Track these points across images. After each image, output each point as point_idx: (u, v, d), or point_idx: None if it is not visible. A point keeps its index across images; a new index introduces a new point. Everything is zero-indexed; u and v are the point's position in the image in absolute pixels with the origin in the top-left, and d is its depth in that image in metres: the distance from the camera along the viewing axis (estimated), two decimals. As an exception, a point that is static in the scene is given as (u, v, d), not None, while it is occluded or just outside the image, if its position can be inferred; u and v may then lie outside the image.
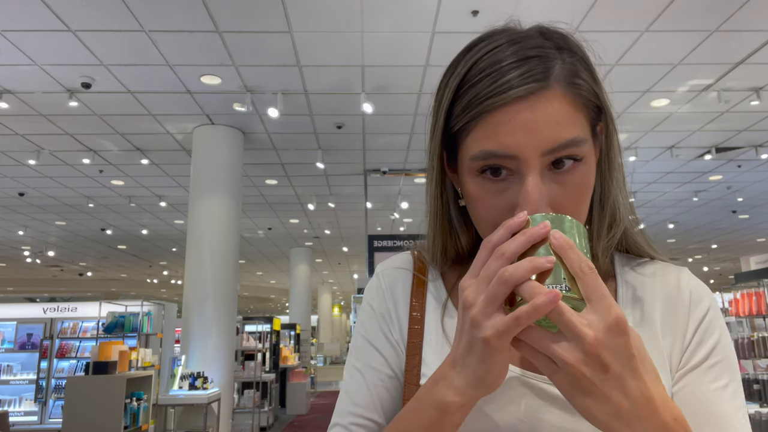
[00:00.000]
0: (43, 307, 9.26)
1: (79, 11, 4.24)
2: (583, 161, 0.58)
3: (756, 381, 6.24)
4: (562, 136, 0.55)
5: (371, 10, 4.31)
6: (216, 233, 6.38)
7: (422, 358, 0.67)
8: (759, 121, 6.59)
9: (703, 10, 4.31)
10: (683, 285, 0.67)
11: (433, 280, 0.72)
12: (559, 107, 0.56)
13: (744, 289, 6.71)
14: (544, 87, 0.56)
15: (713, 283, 22.30)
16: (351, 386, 0.70)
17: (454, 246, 0.70)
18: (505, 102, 0.55)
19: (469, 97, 0.57)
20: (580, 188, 0.58)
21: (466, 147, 0.59)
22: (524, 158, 0.55)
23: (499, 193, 0.58)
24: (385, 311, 0.70)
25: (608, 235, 0.66)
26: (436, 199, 0.68)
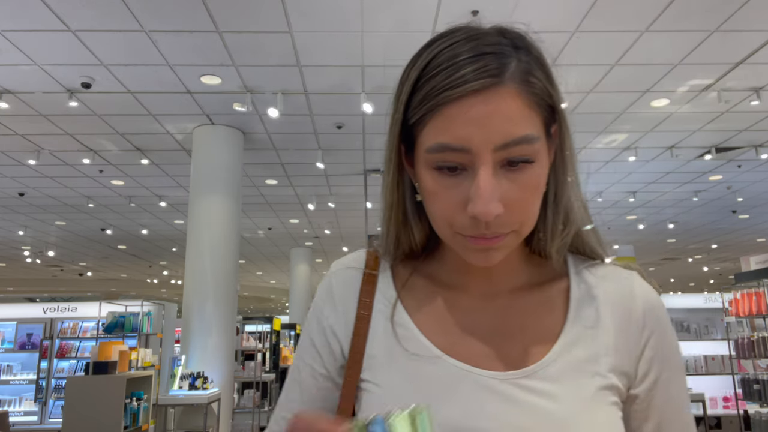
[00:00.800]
0: (43, 307, 9.26)
1: (79, 11, 4.24)
2: (536, 161, 0.58)
3: (756, 381, 6.24)
4: (515, 132, 0.56)
5: (371, 10, 4.31)
6: (216, 233, 6.38)
7: (366, 354, 0.67)
8: (759, 121, 6.59)
9: (703, 10, 4.31)
10: (636, 290, 0.69)
11: (384, 277, 0.72)
12: (513, 104, 0.57)
13: (744, 289, 6.71)
14: (498, 83, 0.56)
15: (713, 283, 22.31)
16: (289, 381, 0.73)
17: (408, 240, 0.69)
18: (459, 95, 0.56)
19: (426, 90, 0.58)
20: (532, 187, 0.59)
21: (422, 139, 0.60)
22: (476, 152, 0.56)
23: (453, 187, 0.58)
24: (330, 312, 0.71)
25: (562, 235, 0.67)
26: (393, 191, 0.67)
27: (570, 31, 4.61)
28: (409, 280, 0.71)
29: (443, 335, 0.66)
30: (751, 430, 6.26)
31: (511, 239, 0.60)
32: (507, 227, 0.58)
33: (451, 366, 0.63)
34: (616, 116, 6.43)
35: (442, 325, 0.67)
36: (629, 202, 10.21)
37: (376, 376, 0.65)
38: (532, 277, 0.69)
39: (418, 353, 0.64)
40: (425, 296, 0.69)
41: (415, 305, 0.69)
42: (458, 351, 0.64)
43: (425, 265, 0.72)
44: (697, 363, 7.66)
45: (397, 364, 0.64)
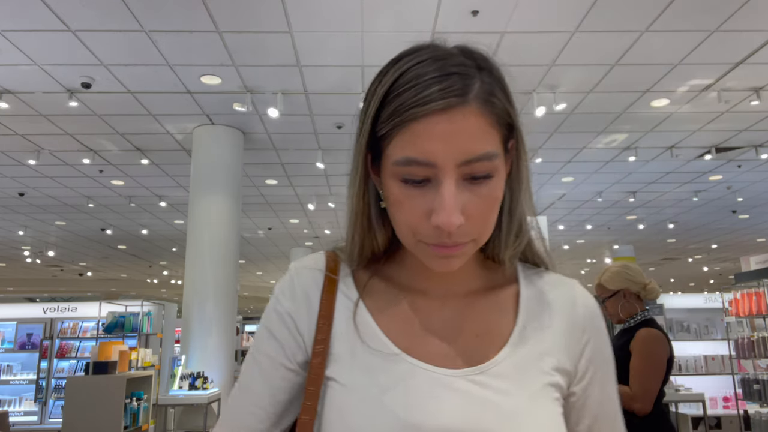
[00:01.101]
0: (43, 307, 9.27)
1: (79, 11, 4.24)
2: (495, 176, 0.63)
3: (756, 381, 6.24)
4: (477, 149, 0.60)
5: (371, 10, 4.31)
6: (216, 233, 6.38)
7: (329, 351, 0.69)
8: (759, 121, 6.59)
9: (703, 10, 4.32)
10: (578, 296, 0.75)
11: (345, 280, 0.74)
12: (475, 122, 0.60)
13: (744, 289, 6.71)
14: (463, 103, 0.60)
15: (713, 283, 22.31)
16: (246, 375, 0.73)
17: (372, 245, 0.72)
18: (426, 113, 0.59)
19: (395, 106, 0.61)
20: (491, 199, 0.63)
21: (389, 152, 0.63)
22: (441, 166, 0.60)
23: (417, 197, 0.62)
24: (293, 308, 0.72)
25: (515, 244, 0.72)
26: (360, 199, 0.70)
27: (570, 31, 4.61)
28: (369, 283, 0.74)
29: (403, 335, 0.69)
30: (751, 430, 6.26)
31: (470, 247, 0.64)
32: (467, 237, 0.62)
33: (410, 364, 0.67)
34: (616, 116, 6.43)
35: (402, 326, 0.70)
36: (629, 202, 10.21)
37: (339, 374, 0.67)
38: (485, 281, 0.74)
39: (379, 350, 0.68)
40: (385, 298, 0.73)
41: (376, 306, 0.72)
42: (417, 350, 0.68)
43: (385, 268, 0.75)
44: (697, 363, 7.66)
45: (359, 362, 0.67)
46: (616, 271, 2.67)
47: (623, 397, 2.39)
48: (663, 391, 2.45)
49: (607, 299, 2.66)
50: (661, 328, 2.56)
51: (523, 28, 4.55)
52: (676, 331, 7.81)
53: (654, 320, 2.59)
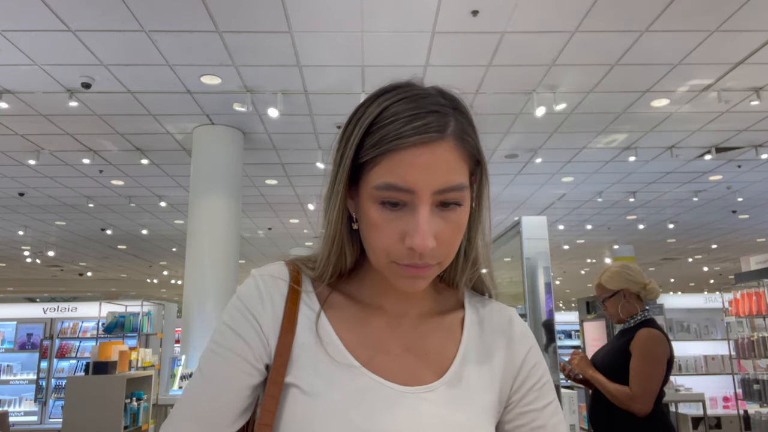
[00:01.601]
0: (43, 307, 9.27)
1: (79, 11, 4.24)
2: (463, 205, 0.69)
3: (756, 381, 6.24)
4: (452, 180, 0.67)
5: (371, 10, 4.31)
6: (216, 233, 6.38)
7: (291, 357, 0.72)
8: (759, 121, 6.59)
9: (703, 10, 4.31)
10: (515, 323, 0.83)
11: (307, 292, 0.78)
12: (450, 156, 0.67)
13: (744, 289, 6.71)
14: (441, 138, 0.67)
15: (713, 283, 22.30)
16: (207, 368, 0.73)
17: (341, 263, 0.77)
18: (409, 145, 0.66)
19: (380, 136, 0.67)
20: (458, 226, 0.70)
21: (371, 177, 0.68)
22: (419, 193, 0.66)
23: (394, 221, 0.67)
24: (260, 311, 0.74)
25: (470, 271, 0.80)
26: (338, 220, 0.74)
27: (570, 31, 4.61)
28: (330, 297, 0.78)
29: (362, 348, 0.74)
30: (751, 430, 6.26)
31: (435, 270, 0.70)
32: (435, 259, 0.68)
33: (369, 378, 0.72)
34: (616, 116, 6.43)
35: (361, 340, 0.75)
36: (629, 202, 10.21)
37: (302, 381, 0.70)
38: (436, 304, 0.82)
39: (341, 362, 0.72)
40: (346, 312, 0.77)
41: (337, 319, 0.76)
42: (375, 364, 0.73)
43: (345, 285, 0.80)
44: (697, 363, 7.66)
45: (322, 372, 0.71)
46: (616, 271, 2.67)
47: (623, 398, 2.39)
48: (663, 392, 2.45)
49: (607, 299, 2.66)
50: (661, 328, 2.55)
51: (523, 28, 4.55)
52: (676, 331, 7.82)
53: (654, 320, 2.59)
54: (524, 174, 8.58)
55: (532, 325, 5.48)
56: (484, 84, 5.52)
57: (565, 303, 25.94)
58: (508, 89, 5.67)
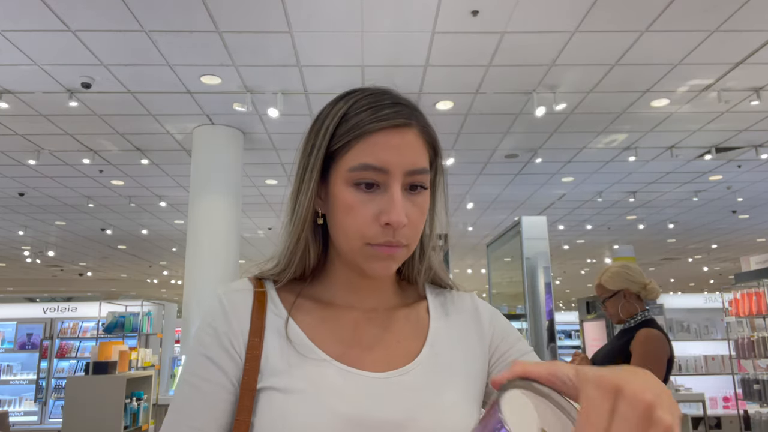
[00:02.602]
0: (43, 307, 9.27)
1: (79, 11, 4.24)
2: (426, 190, 0.75)
3: (756, 381, 6.24)
4: (420, 163, 0.73)
5: (371, 10, 4.31)
6: (216, 233, 6.38)
7: (262, 365, 0.73)
8: (759, 121, 6.59)
9: (703, 10, 4.31)
10: (476, 301, 0.89)
11: (272, 299, 0.80)
12: (418, 142, 0.74)
13: (744, 289, 6.71)
14: (410, 125, 0.74)
15: (713, 283, 22.30)
16: (185, 403, 0.74)
17: (304, 261, 0.80)
18: (383, 127, 0.72)
19: (354, 122, 0.73)
20: (422, 209, 0.75)
21: (344, 161, 0.72)
22: (392, 172, 0.71)
23: (368, 202, 0.71)
24: (227, 329, 0.75)
25: (422, 264, 0.85)
26: (308, 209, 0.76)
27: (570, 31, 4.61)
28: (297, 302, 0.80)
29: (334, 345, 0.76)
30: (751, 430, 6.26)
31: (404, 253, 0.74)
32: (405, 239, 0.72)
33: (343, 369, 0.73)
34: (616, 116, 6.43)
35: (333, 338, 0.77)
36: (629, 202, 10.21)
37: (277, 383, 0.71)
38: (401, 299, 0.86)
39: (313, 359, 0.74)
40: (313, 314, 0.79)
41: (306, 321, 0.78)
42: (348, 358, 0.75)
43: (310, 288, 0.82)
44: (697, 363, 7.66)
45: (296, 371, 0.72)
46: (616, 272, 2.67)
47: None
48: (663, 391, 2.45)
49: (608, 299, 2.66)
50: (661, 328, 2.55)
51: (523, 28, 4.55)
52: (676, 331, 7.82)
53: (654, 320, 2.59)
54: (524, 174, 8.58)
55: (532, 325, 5.49)
56: (484, 84, 5.52)
57: (565, 303, 25.93)
58: (508, 89, 5.67)
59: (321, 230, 0.80)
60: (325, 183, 0.76)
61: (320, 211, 0.78)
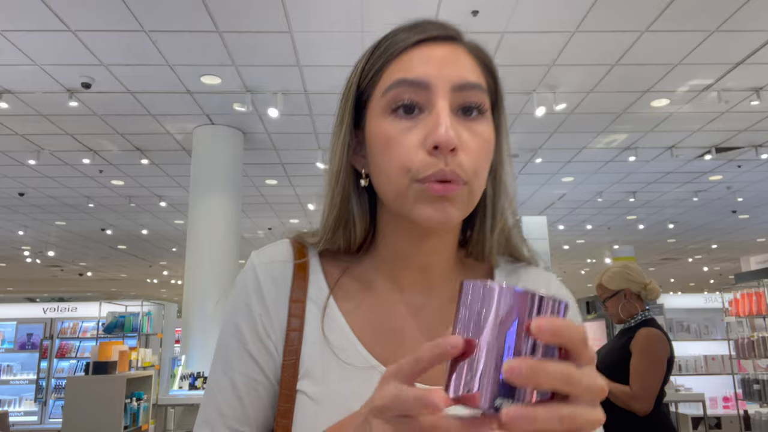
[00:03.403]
0: (43, 307, 9.27)
1: (79, 11, 4.24)
2: (487, 117, 0.61)
3: (756, 381, 6.24)
4: (471, 77, 0.60)
5: (371, 10, 4.31)
6: (216, 233, 6.38)
7: (300, 363, 0.63)
8: (759, 121, 6.59)
9: (703, 10, 4.31)
10: (552, 289, 0.72)
11: (315, 273, 0.68)
12: (468, 59, 0.62)
13: (744, 289, 6.71)
14: (457, 41, 0.63)
15: (713, 283, 22.29)
16: (220, 396, 0.64)
17: (347, 233, 0.66)
18: (421, 39, 0.61)
19: (386, 45, 0.63)
20: (483, 140, 0.60)
21: (379, 88, 0.62)
22: (435, 88, 0.58)
23: (410, 129, 0.59)
24: (262, 311, 0.65)
25: (494, 234, 0.68)
26: (341, 175, 0.65)
27: (570, 31, 4.61)
28: (341, 280, 0.68)
29: (379, 343, 0.64)
30: (751, 430, 6.26)
31: (463, 193, 0.59)
32: (462, 171, 0.58)
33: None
34: (616, 116, 6.43)
35: (377, 332, 0.65)
36: (629, 202, 10.21)
37: (311, 389, 0.62)
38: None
39: (353, 364, 0.62)
40: (358, 299, 0.67)
41: (349, 308, 0.66)
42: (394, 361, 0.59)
43: (357, 265, 0.69)
44: (697, 363, 7.66)
45: (332, 377, 0.62)
46: (616, 272, 2.67)
47: (624, 397, 2.39)
48: (664, 391, 2.46)
49: (608, 299, 2.66)
50: (661, 327, 2.56)
51: (523, 28, 4.55)
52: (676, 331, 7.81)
53: (654, 320, 2.59)
54: (524, 174, 8.58)
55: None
56: (484, 84, 5.52)
57: (565, 303, 25.87)
58: (508, 89, 5.62)
59: (367, 197, 0.67)
60: (363, 131, 0.64)
61: (363, 171, 0.65)
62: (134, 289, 22.95)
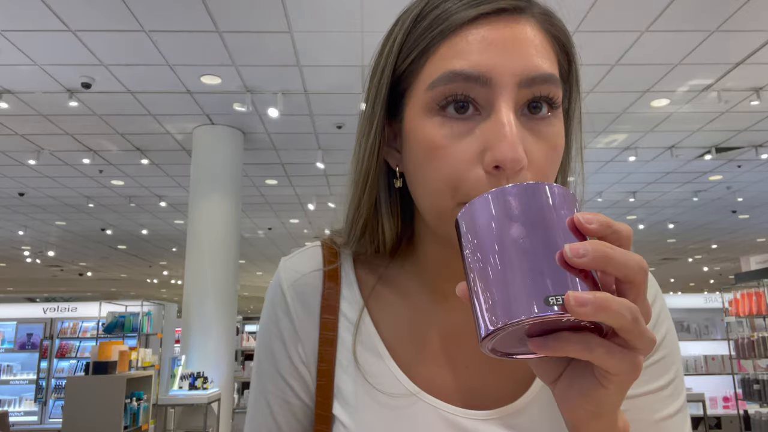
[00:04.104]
0: (43, 307, 9.27)
1: (79, 11, 4.24)
2: (558, 114, 0.49)
3: (756, 381, 6.24)
4: (543, 66, 0.47)
5: (371, 10, 4.31)
6: (216, 233, 6.38)
7: (335, 385, 0.58)
8: (759, 121, 6.59)
9: (703, 10, 4.31)
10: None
11: (348, 282, 0.61)
12: (538, 36, 0.49)
13: (744, 289, 6.71)
14: (522, 10, 0.48)
15: (713, 283, 22.29)
16: (259, 418, 0.61)
17: (375, 234, 0.58)
18: (478, 14, 0.47)
19: (433, 17, 0.48)
20: (556, 145, 0.49)
21: (422, 78, 0.48)
22: (498, 83, 0.46)
23: (462, 135, 0.47)
24: (292, 333, 0.60)
25: None
26: (371, 156, 0.54)
27: (570, 31, 4.60)
28: (376, 289, 0.60)
29: (418, 364, 0.57)
30: (751, 430, 6.26)
31: None
32: None
33: (428, 406, 0.54)
34: (616, 116, 6.43)
35: (417, 351, 0.58)
36: (629, 202, 10.21)
37: (344, 417, 0.57)
38: None
39: (390, 392, 0.55)
40: (396, 312, 0.60)
41: (385, 323, 0.59)
42: (435, 385, 0.56)
43: (393, 271, 0.61)
44: (697, 363, 7.66)
45: (365, 406, 0.56)
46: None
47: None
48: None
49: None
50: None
51: (523, 28, 4.55)
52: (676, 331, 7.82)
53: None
54: (524, 174, 8.57)
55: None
56: (484, 84, 5.52)
57: (565, 303, 25.87)
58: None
59: (398, 197, 0.57)
60: (399, 123, 0.53)
61: (397, 169, 0.55)
62: (134, 289, 22.96)
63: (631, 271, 0.35)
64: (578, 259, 0.34)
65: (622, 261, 0.35)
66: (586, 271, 0.36)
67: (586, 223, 0.36)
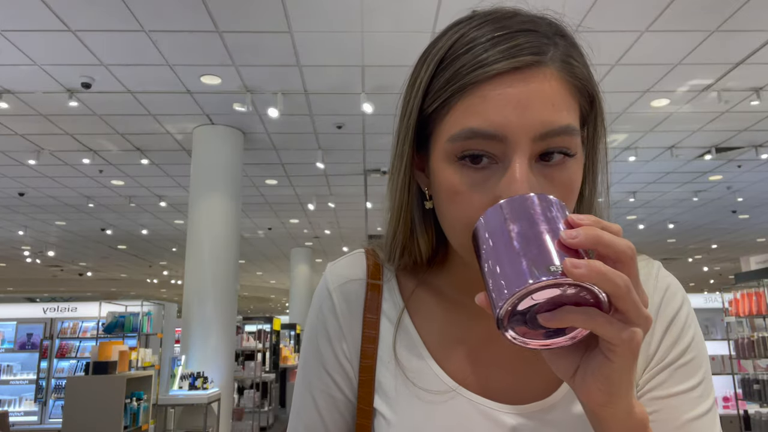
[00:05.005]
0: (43, 307, 9.26)
1: (79, 11, 4.24)
2: (574, 159, 0.52)
3: (756, 381, 6.24)
4: (558, 121, 0.50)
5: (371, 10, 4.31)
6: (216, 233, 6.38)
7: (376, 380, 0.62)
8: (759, 121, 6.59)
9: (703, 10, 4.31)
10: (660, 280, 0.63)
11: (389, 287, 0.65)
12: (554, 88, 0.50)
13: (744, 289, 6.71)
14: (540, 63, 0.50)
15: (713, 283, 22.29)
16: (303, 411, 0.66)
17: (412, 251, 0.62)
18: (496, 73, 0.49)
19: (454, 69, 0.51)
20: (569, 187, 0.52)
21: (444, 128, 0.52)
22: (513, 140, 0.49)
23: (477, 184, 0.51)
24: (337, 330, 0.64)
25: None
26: (404, 192, 0.59)
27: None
28: (415, 293, 0.65)
29: (456, 362, 0.60)
30: (751, 430, 6.26)
31: None
32: None
33: (467, 401, 0.58)
34: (616, 116, 6.43)
35: (455, 350, 0.61)
36: (629, 202, 10.21)
37: (385, 410, 0.60)
38: None
39: (429, 388, 0.59)
40: (434, 313, 0.64)
41: (424, 323, 0.63)
42: (473, 381, 0.59)
43: (431, 277, 0.66)
44: (697, 363, 7.66)
45: (404, 401, 0.60)
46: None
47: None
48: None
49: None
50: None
51: (523, 28, 4.55)
52: (676, 331, 7.82)
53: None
54: (524, 174, 8.57)
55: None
56: (484, 84, 5.52)
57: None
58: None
59: (432, 214, 0.61)
60: (427, 155, 0.57)
61: (427, 191, 0.59)
62: (134, 289, 22.96)
63: (619, 248, 0.42)
64: (572, 240, 0.41)
65: (609, 240, 0.42)
66: (582, 254, 0.42)
67: (579, 219, 0.43)
